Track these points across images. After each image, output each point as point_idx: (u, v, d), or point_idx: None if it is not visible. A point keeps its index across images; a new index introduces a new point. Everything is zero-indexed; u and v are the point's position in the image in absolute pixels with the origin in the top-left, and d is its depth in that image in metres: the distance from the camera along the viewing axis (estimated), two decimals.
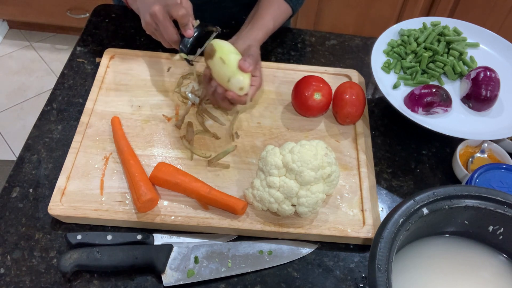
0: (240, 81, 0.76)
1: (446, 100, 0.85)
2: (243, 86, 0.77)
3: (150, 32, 0.82)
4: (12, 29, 2.45)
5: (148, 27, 0.81)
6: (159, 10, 0.76)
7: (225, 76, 0.76)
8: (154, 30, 0.80)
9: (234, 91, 0.77)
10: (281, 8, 0.96)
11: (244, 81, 0.76)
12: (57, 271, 0.69)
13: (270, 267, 0.71)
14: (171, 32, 0.78)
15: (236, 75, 0.76)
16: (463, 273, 0.62)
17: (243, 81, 0.76)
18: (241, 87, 0.77)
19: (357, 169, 0.82)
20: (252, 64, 0.77)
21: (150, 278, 0.69)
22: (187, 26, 0.78)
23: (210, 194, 0.73)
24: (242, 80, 0.76)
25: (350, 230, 0.73)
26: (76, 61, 0.97)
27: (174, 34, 0.78)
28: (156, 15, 0.76)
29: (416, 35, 0.95)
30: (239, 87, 0.76)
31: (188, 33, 0.78)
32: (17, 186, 0.78)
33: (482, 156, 0.83)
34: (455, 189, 0.59)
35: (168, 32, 0.78)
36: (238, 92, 0.77)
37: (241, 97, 0.78)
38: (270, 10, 0.93)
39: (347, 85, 0.87)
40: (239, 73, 0.76)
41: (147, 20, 0.79)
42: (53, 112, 0.88)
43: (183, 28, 0.78)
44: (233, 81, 0.76)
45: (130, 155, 0.78)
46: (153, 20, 0.78)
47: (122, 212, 0.73)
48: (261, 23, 0.90)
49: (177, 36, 0.79)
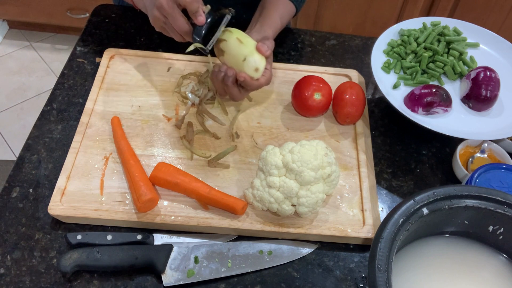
0: (257, 61, 0.74)
1: (446, 100, 0.85)
2: (259, 67, 0.75)
3: (160, 28, 0.77)
4: (12, 29, 2.45)
5: (157, 22, 0.76)
6: (165, 1, 0.71)
7: (241, 55, 0.74)
8: (163, 24, 0.76)
9: (248, 72, 0.75)
10: (287, 7, 0.95)
11: (261, 62, 0.75)
12: (57, 271, 0.69)
13: (270, 267, 0.71)
14: (182, 23, 0.73)
15: (253, 54, 0.74)
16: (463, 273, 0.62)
17: (260, 62, 0.75)
18: (257, 68, 0.75)
19: (357, 169, 0.82)
20: (270, 49, 0.74)
21: (150, 278, 0.69)
22: (197, 13, 0.72)
23: (210, 194, 0.73)
24: (259, 60, 0.75)
25: (350, 230, 0.73)
26: (76, 61, 0.97)
27: (185, 24, 0.73)
28: (162, 6, 0.72)
29: (416, 35, 0.95)
30: (254, 68, 0.75)
31: (199, 20, 0.72)
32: (17, 186, 0.78)
33: (482, 156, 0.83)
34: (455, 189, 0.59)
35: (178, 23, 0.73)
36: (253, 73, 0.75)
37: (253, 81, 0.75)
38: (276, 9, 0.92)
39: (347, 85, 0.87)
40: (256, 53, 0.74)
41: (155, 15, 0.74)
42: (53, 112, 0.88)
43: (194, 16, 0.72)
44: (250, 59, 0.74)
45: (130, 155, 0.78)
46: (160, 13, 0.73)
47: (122, 212, 0.73)
48: (270, 21, 0.88)
49: (188, 26, 0.73)
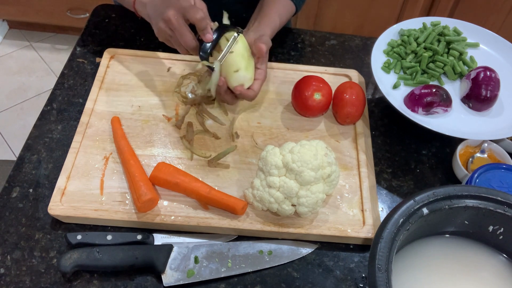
0: (246, 77, 0.76)
1: (446, 100, 0.85)
2: (245, 82, 0.77)
3: (164, 39, 0.76)
4: (12, 29, 2.45)
5: (162, 35, 0.74)
6: (173, 15, 0.70)
7: (234, 67, 0.75)
8: (169, 37, 0.74)
9: (237, 83, 0.76)
10: (286, 6, 0.95)
11: (249, 78, 0.77)
12: (57, 271, 0.69)
13: (270, 267, 0.71)
14: (189, 39, 0.71)
15: (244, 70, 0.76)
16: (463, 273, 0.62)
17: (248, 78, 0.77)
18: (242, 84, 0.77)
19: (357, 169, 0.82)
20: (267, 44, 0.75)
21: (150, 278, 0.69)
22: (205, 30, 0.71)
23: (210, 194, 0.73)
24: (249, 77, 0.77)
25: (350, 230, 0.73)
26: (76, 61, 0.97)
27: (193, 40, 0.72)
28: (171, 20, 0.70)
29: (416, 35, 0.95)
30: (240, 83, 0.77)
31: (207, 37, 0.72)
32: (17, 186, 0.78)
33: (482, 156, 0.83)
34: (455, 189, 0.59)
35: (186, 39, 0.71)
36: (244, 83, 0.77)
37: (248, 92, 0.77)
38: (275, 7, 0.92)
39: (347, 85, 0.87)
40: (245, 69, 0.76)
41: (161, 27, 0.72)
42: (53, 112, 0.88)
43: (202, 33, 0.72)
44: (240, 74, 0.76)
45: (130, 155, 0.78)
46: (167, 26, 0.72)
47: (122, 212, 0.73)
48: (268, 19, 0.88)
49: (195, 42, 0.72)
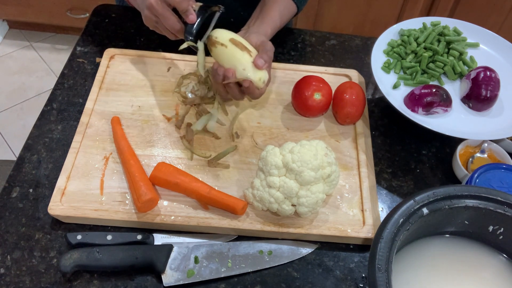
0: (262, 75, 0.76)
1: (446, 100, 0.85)
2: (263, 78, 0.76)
3: (152, 26, 0.78)
4: (12, 29, 2.45)
5: (148, 21, 0.77)
6: (155, 1, 0.72)
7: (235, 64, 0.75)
8: (155, 23, 0.77)
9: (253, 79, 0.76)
10: (288, 6, 0.95)
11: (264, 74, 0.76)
12: (57, 271, 0.69)
13: (270, 267, 0.71)
14: (173, 22, 0.74)
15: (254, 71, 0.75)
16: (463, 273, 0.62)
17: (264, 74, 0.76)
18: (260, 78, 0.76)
19: (357, 169, 0.82)
20: (267, 62, 0.75)
21: (150, 278, 0.69)
22: (188, 11, 0.73)
23: (210, 194, 0.73)
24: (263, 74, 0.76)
25: (350, 230, 0.73)
26: (76, 61, 0.97)
27: (176, 22, 0.74)
28: (153, 6, 0.73)
29: (416, 35, 0.95)
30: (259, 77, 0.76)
31: (190, 18, 0.73)
32: (17, 186, 0.78)
33: (482, 156, 0.83)
34: (455, 189, 0.59)
35: (170, 23, 0.74)
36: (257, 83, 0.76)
37: (255, 89, 0.76)
38: (276, 7, 0.92)
39: (347, 85, 0.87)
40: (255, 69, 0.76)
41: (146, 14, 0.75)
42: (53, 112, 0.88)
43: (184, 15, 0.73)
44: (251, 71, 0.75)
45: (130, 155, 0.78)
46: (151, 12, 0.74)
47: (122, 212, 0.73)
48: (269, 19, 0.88)
49: (179, 25, 0.74)
